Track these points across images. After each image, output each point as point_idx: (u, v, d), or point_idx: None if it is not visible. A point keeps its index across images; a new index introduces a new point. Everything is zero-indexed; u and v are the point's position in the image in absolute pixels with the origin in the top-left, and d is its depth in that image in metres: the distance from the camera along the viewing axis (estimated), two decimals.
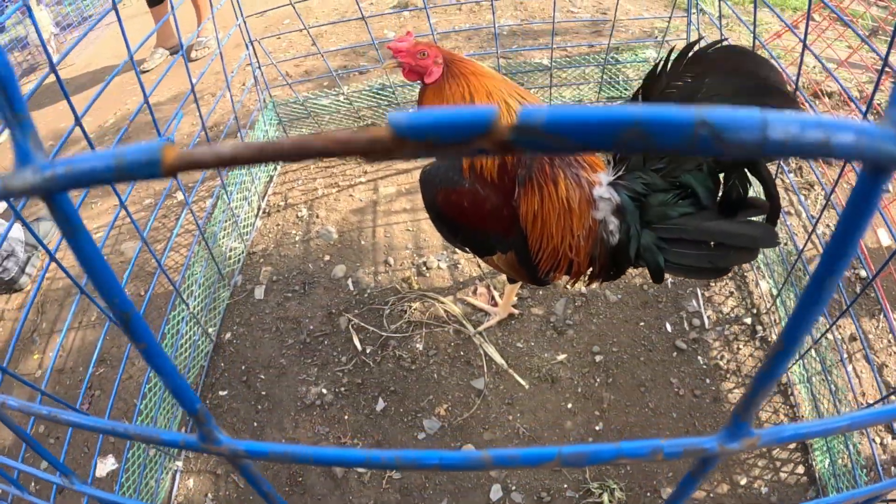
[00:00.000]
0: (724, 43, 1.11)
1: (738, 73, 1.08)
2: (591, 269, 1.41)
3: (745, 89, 1.08)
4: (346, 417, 1.77)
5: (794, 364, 1.70)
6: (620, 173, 1.27)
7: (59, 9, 4.57)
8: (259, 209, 2.45)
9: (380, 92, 2.64)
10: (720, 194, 1.23)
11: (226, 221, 2.16)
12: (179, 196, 2.61)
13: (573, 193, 1.29)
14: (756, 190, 1.28)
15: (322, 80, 3.01)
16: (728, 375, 1.78)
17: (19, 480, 0.72)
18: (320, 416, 1.79)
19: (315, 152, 0.16)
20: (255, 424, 1.81)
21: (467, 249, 1.54)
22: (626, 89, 2.64)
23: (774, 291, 1.88)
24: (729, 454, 0.26)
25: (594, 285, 1.52)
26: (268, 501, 0.34)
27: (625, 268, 1.37)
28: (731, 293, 1.99)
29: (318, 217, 2.38)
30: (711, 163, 1.19)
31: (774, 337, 1.85)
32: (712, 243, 1.25)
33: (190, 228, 2.41)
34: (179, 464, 1.72)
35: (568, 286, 1.95)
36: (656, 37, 2.99)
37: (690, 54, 1.12)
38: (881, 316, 1.87)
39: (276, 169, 2.62)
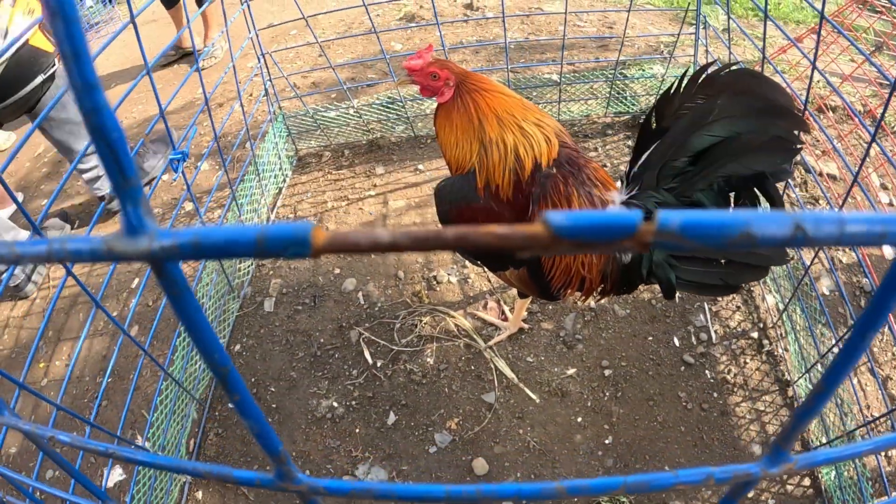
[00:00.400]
0: (735, 66, 1.14)
1: (749, 95, 1.11)
2: (602, 285, 1.42)
3: (756, 111, 1.11)
4: (357, 431, 1.78)
5: (800, 378, 1.72)
6: (634, 192, 1.29)
7: None
8: (268, 221, 2.47)
9: (389, 105, 2.66)
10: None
11: None
12: (189, 206, 2.63)
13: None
14: (765, 208, 1.30)
15: (330, 92, 3.03)
16: (735, 389, 1.79)
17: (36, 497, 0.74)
18: (331, 429, 1.79)
19: (479, 243, 0.18)
20: None
21: (479, 263, 1.55)
22: (633, 104, 2.66)
23: (781, 306, 1.90)
24: (770, 477, 0.28)
25: (604, 300, 1.54)
26: None
27: (637, 285, 1.38)
28: (738, 308, 2.00)
29: (327, 229, 2.39)
30: (722, 182, 1.21)
31: (781, 351, 1.86)
32: (723, 261, 1.27)
33: None
34: (189, 476, 1.72)
35: (579, 302, 1.96)
36: (663, 52, 3.02)
37: (703, 77, 1.14)
38: (886, 329, 1.89)
39: (284, 181, 2.64)
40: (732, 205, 1.26)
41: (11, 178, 3.07)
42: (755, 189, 1.22)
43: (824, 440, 1.59)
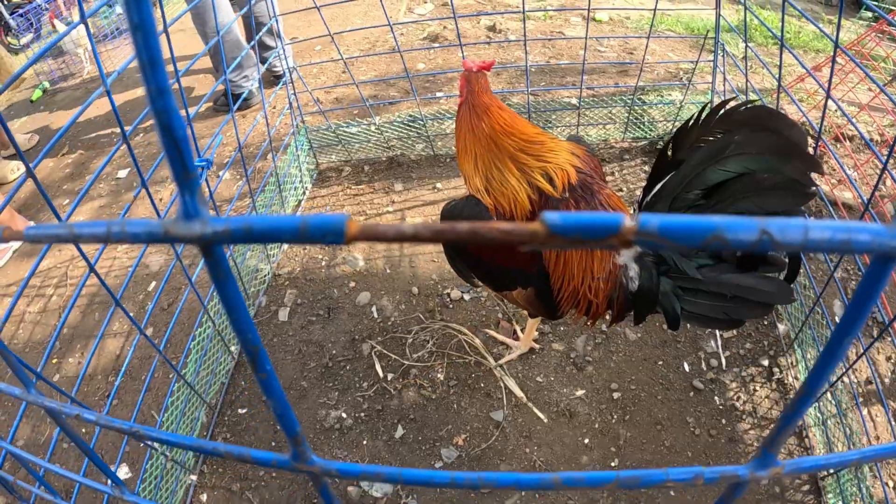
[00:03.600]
0: (755, 103, 1.15)
1: (767, 133, 1.12)
2: (609, 311, 1.43)
3: (772, 150, 1.12)
4: (364, 443, 1.79)
5: (809, 407, 1.71)
6: None
7: (95, 21, 4.75)
8: None
9: (410, 124, 2.70)
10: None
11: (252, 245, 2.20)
12: (210, 214, 2.67)
13: None
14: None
15: (353, 108, 3.08)
16: (744, 416, 1.79)
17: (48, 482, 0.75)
18: (339, 439, 1.81)
19: (485, 239, 0.20)
20: (273, 444, 1.83)
21: (479, 284, 1.57)
22: (650, 130, 2.68)
23: (792, 334, 1.90)
24: (758, 480, 0.30)
25: (614, 325, 1.55)
26: None
27: (644, 314, 1.39)
28: (749, 335, 2.00)
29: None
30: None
31: (791, 379, 1.86)
32: (728, 295, 1.28)
33: None
34: (194, 478, 1.74)
35: (587, 325, 1.97)
36: (682, 79, 3.05)
37: (722, 111, 1.16)
38: None
39: (304, 193, 2.68)
40: None
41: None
42: None
43: (832, 470, 1.58)
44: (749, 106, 1.14)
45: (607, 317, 1.45)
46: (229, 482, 1.74)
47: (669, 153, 1.25)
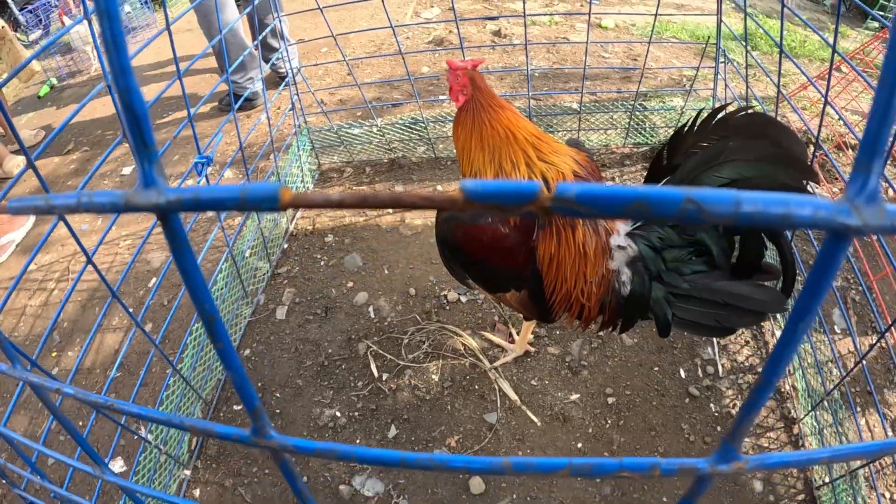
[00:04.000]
0: (751, 109, 1.15)
1: (762, 140, 1.11)
2: (601, 315, 1.43)
3: (767, 157, 1.11)
4: (357, 442, 1.80)
5: (805, 416, 1.70)
6: (639, 224, 1.31)
7: None
8: (287, 232, 2.52)
9: (412, 126, 2.71)
10: (735, 256, 1.25)
11: (254, 241, 2.22)
12: (210, 212, 2.69)
13: (590, 240, 1.32)
14: (774, 255, 1.30)
15: (356, 110, 3.09)
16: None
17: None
18: (332, 438, 1.81)
19: (407, 204, 0.21)
20: None
21: (471, 284, 1.57)
22: (652, 136, 2.68)
23: None
24: (719, 475, 0.30)
25: (604, 332, 1.55)
26: (300, 497, 0.37)
27: (634, 319, 1.38)
28: (747, 342, 1.99)
29: (344, 244, 2.44)
30: (726, 228, 1.21)
31: (788, 388, 1.85)
32: (721, 303, 1.27)
33: (218, 245, 2.48)
34: (188, 472, 1.75)
35: (580, 329, 1.97)
36: (685, 85, 3.05)
37: (718, 117, 1.15)
38: (895, 369, 1.87)
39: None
40: (738, 248, 1.26)
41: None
42: (763, 237, 1.21)
43: (827, 479, 1.57)
44: (745, 112, 1.14)
45: (597, 320, 1.45)
46: (222, 478, 1.74)
47: (665, 158, 1.25)
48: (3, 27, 4.26)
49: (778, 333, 1.98)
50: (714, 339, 1.99)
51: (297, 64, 3.38)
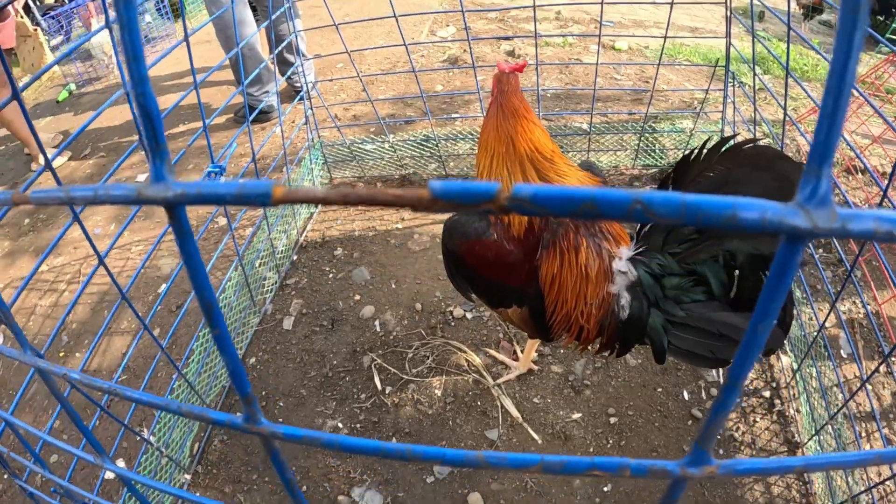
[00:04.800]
0: (759, 141, 1.16)
1: (766, 172, 1.11)
2: (599, 338, 1.44)
3: (770, 190, 1.11)
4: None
5: (809, 440, 1.69)
6: (641, 251, 1.32)
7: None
8: (297, 243, 2.55)
9: (424, 143, 2.74)
10: (734, 288, 1.25)
11: (264, 251, 2.25)
12: (222, 221, 2.73)
13: (592, 263, 1.33)
14: None
15: (369, 125, 3.13)
16: (742, 448, 1.77)
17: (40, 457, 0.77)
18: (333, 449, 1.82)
19: (381, 202, 0.22)
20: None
21: (473, 298, 1.58)
22: (661, 158, 2.70)
23: (795, 366, 1.88)
24: (691, 478, 0.30)
25: (602, 355, 1.55)
26: (288, 488, 0.39)
27: (631, 344, 1.39)
28: (753, 366, 1.99)
29: (352, 257, 2.46)
30: (728, 257, 1.21)
31: (792, 412, 1.84)
32: (717, 333, 1.26)
33: (228, 254, 2.51)
34: (188, 476, 1.76)
35: (578, 350, 1.97)
36: (695, 108, 3.07)
37: (725, 147, 1.16)
38: None
39: (317, 207, 2.72)
40: (737, 281, 1.25)
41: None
42: (761, 272, 1.20)
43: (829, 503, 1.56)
44: (753, 144, 1.14)
45: (595, 342, 1.46)
46: (222, 484, 1.75)
47: (670, 185, 1.26)
48: (35, 29, 4.37)
49: (784, 358, 1.98)
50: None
51: (312, 79, 3.43)
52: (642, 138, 2.62)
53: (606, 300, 1.35)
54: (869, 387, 1.87)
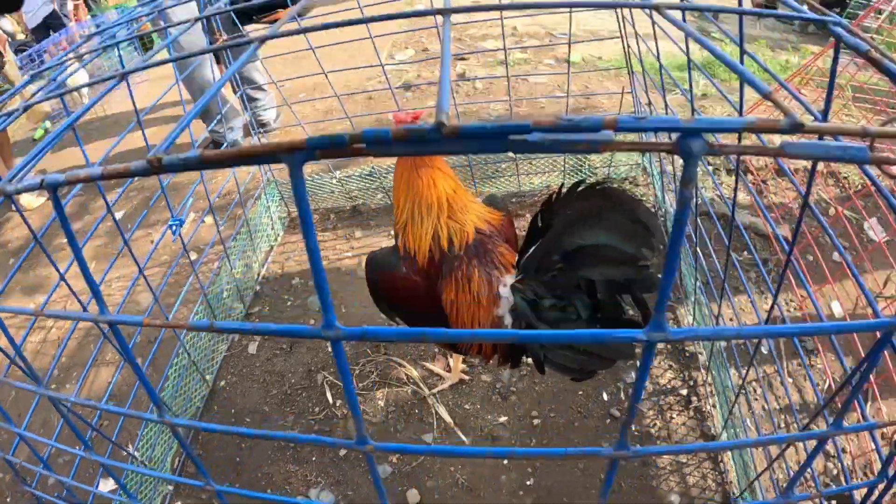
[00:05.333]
0: (606, 183, 1.36)
1: (613, 211, 1.30)
2: (495, 354, 1.72)
3: (613, 226, 1.30)
4: (313, 459, 2.08)
5: (722, 430, 1.90)
6: (520, 278, 1.58)
7: (97, 62, 5.08)
8: (259, 275, 2.82)
9: (367, 177, 3.01)
10: (600, 310, 1.46)
11: (227, 284, 2.52)
12: (193, 256, 3.00)
13: (483, 290, 1.61)
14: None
15: (320, 162, 3.39)
16: (658, 442, 1.98)
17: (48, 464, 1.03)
18: (292, 456, 2.09)
19: (237, 158, 0.47)
20: (238, 460, 2.11)
21: (397, 320, 1.85)
22: (591, 175, 2.93)
23: (708, 364, 2.09)
24: (623, 458, 0.47)
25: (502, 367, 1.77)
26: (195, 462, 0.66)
27: (520, 357, 1.67)
28: (671, 366, 2.22)
29: (308, 286, 2.74)
30: (586, 283, 1.42)
31: (709, 407, 2.05)
32: (581, 349, 1.50)
33: (198, 287, 2.77)
34: (171, 487, 2.01)
35: (484, 364, 2.25)
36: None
37: (580, 188, 1.37)
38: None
39: (276, 240, 2.99)
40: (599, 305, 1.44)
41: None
42: (616, 295, 1.40)
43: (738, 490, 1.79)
44: (601, 186, 1.34)
45: (493, 358, 1.74)
46: (199, 491, 2.02)
47: (539, 221, 1.47)
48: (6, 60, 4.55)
49: (702, 358, 2.20)
50: (638, 364, 2.24)
51: (273, 115, 3.69)
52: (566, 158, 2.84)
53: (495, 322, 1.63)
54: (789, 380, 2.11)
